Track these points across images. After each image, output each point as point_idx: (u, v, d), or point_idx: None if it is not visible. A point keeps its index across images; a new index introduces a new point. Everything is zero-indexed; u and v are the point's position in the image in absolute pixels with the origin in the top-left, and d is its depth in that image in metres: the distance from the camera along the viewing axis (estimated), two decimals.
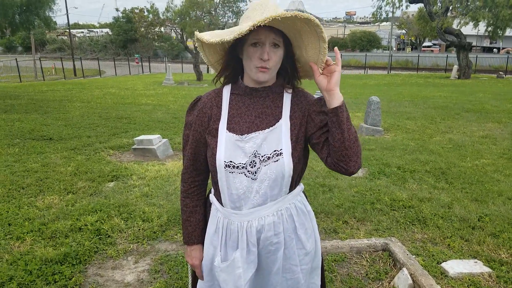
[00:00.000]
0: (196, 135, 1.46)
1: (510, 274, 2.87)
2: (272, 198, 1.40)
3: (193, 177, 1.54)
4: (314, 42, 1.30)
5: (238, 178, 1.37)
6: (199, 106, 1.47)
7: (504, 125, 8.80)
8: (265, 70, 1.34)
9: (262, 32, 1.29)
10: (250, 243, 1.41)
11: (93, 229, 3.49)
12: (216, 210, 1.48)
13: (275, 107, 1.43)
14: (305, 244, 1.49)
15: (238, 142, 1.37)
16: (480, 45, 48.63)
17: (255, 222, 1.41)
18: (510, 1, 21.62)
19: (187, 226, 1.56)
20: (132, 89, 17.04)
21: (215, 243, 1.48)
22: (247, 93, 1.43)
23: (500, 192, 4.53)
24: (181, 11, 22.95)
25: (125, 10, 40.21)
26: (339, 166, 1.33)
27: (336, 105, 1.29)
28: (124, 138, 7.08)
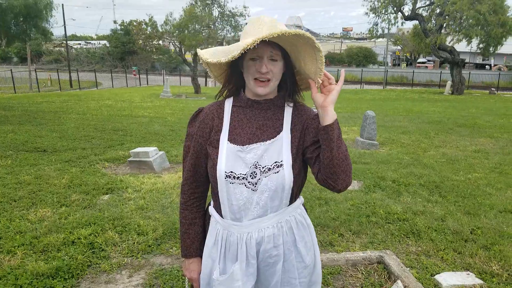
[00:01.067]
0: (197, 146, 1.47)
1: (501, 285, 2.90)
2: (272, 210, 1.41)
3: (193, 188, 1.54)
4: (311, 53, 1.32)
5: (238, 189, 1.38)
6: (201, 117, 1.49)
7: (496, 140, 8.90)
8: (264, 84, 1.37)
9: (260, 47, 1.32)
10: (250, 255, 1.42)
11: (87, 243, 3.46)
12: (216, 222, 1.48)
13: (276, 119, 1.45)
14: (304, 258, 1.49)
15: (239, 152, 1.39)
16: (473, 62, 49.29)
17: (255, 233, 1.41)
18: (501, 20, 22.06)
19: (186, 238, 1.55)
20: (129, 101, 17.08)
21: (213, 255, 1.47)
22: (248, 105, 1.46)
23: (491, 205, 4.57)
24: (180, 24, 23.15)
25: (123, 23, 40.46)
26: (328, 182, 1.35)
27: (328, 123, 1.31)
28: (120, 151, 7.08)
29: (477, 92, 27.47)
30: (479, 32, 22.62)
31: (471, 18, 22.28)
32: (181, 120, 11.30)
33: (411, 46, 43.63)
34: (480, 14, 21.77)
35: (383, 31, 29.43)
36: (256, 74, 1.36)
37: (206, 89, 29.48)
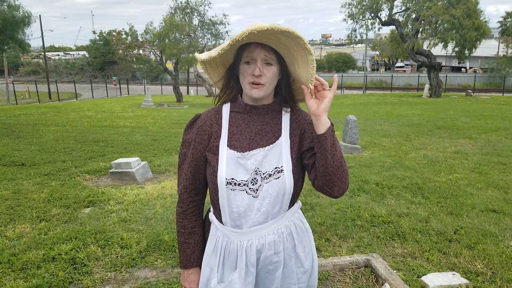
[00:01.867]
0: (196, 153, 1.45)
1: (486, 284, 2.93)
2: (272, 216, 1.40)
3: (192, 196, 1.50)
4: (302, 55, 1.31)
5: (239, 196, 1.36)
6: (199, 124, 1.46)
7: (474, 141, 9.09)
8: (258, 87, 1.35)
9: (254, 50, 1.32)
10: (249, 263, 1.39)
11: (68, 258, 3.36)
12: (216, 229, 1.46)
13: (274, 124, 1.44)
14: (303, 263, 1.48)
15: (240, 159, 1.37)
16: (449, 65, 50.53)
17: (255, 241, 1.39)
18: (475, 23, 22.71)
19: (185, 248, 1.51)
20: (110, 112, 16.85)
21: (212, 263, 1.45)
22: (246, 110, 1.44)
23: (473, 205, 4.64)
24: (160, 33, 23.08)
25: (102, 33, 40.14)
26: (324, 189, 1.35)
27: (321, 132, 1.30)
28: (101, 162, 6.95)
29: (454, 95, 28.13)
30: (454, 36, 23.24)
31: (446, 22, 22.89)
32: (163, 130, 11.20)
33: (389, 51, 44.50)
34: (455, 18, 22.38)
35: (362, 36, 29.99)
36: (250, 78, 1.35)
37: (188, 97, 29.38)
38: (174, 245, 3.63)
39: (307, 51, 1.28)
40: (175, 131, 10.93)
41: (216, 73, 1.48)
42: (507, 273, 3.07)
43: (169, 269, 3.27)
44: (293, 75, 1.44)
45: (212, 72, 1.47)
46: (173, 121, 13.52)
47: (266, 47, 1.32)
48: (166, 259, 3.41)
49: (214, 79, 1.50)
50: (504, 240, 3.67)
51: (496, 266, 3.20)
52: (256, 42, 1.31)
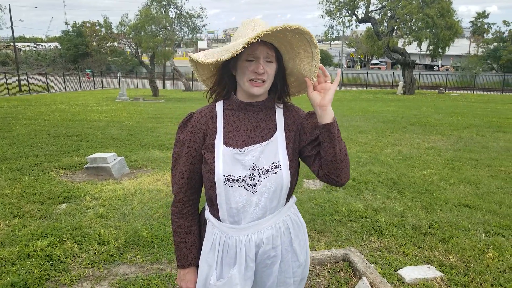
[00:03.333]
0: (191, 152, 1.44)
1: (460, 277, 3.03)
2: (270, 211, 1.41)
3: (188, 196, 1.50)
4: (307, 49, 1.33)
5: (238, 192, 1.37)
6: (193, 122, 1.45)
7: (447, 137, 9.36)
8: (260, 84, 1.36)
9: (257, 48, 1.32)
10: (249, 258, 1.40)
11: (44, 255, 3.28)
12: (213, 227, 1.45)
13: (269, 120, 1.45)
14: (299, 256, 1.51)
15: (237, 155, 1.38)
16: (422, 63, 51.75)
17: (254, 236, 1.40)
18: (448, 23, 23.31)
19: (182, 248, 1.51)
20: (84, 105, 16.45)
21: (210, 261, 1.45)
22: (241, 107, 1.45)
23: (447, 200, 4.79)
24: (136, 26, 22.62)
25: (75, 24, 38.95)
26: (330, 178, 1.37)
27: (329, 122, 1.32)
28: (76, 157, 6.79)
29: (427, 92, 28.86)
30: (428, 35, 23.80)
31: (421, 21, 23.42)
32: (140, 124, 11.02)
33: (364, 48, 45.13)
34: (429, 17, 22.90)
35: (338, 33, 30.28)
36: (252, 75, 1.35)
37: (164, 91, 28.97)
38: (153, 241, 3.60)
39: (313, 45, 1.31)
40: (152, 125, 10.79)
41: (206, 70, 1.47)
42: (480, 266, 3.19)
43: (148, 265, 3.24)
44: (289, 70, 1.46)
45: (201, 69, 1.46)
46: (150, 115, 13.33)
47: (268, 45, 1.34)
48: (145, 255, 3.38)
49: (204, 76, 1.49)
50: (477, 234, 3.81)
51: (469, 259, 3.31)
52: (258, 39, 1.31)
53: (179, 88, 31.98)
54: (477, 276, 3.04)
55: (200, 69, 1.47)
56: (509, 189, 5.27)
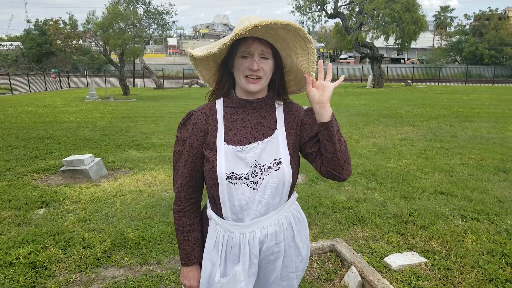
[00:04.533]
0: (192, 150, 1.44)
1: (442, 261, 3.17)
2: (273, 208, 1.42)
3: (190, 194, 1.50)
4: (302, 45, 1.34)
5: (240, 189, 1.37)
6: (193, 121, 1.45)
7: (418, 128, 9.67)
8: (256, 81, 1.36)
9: (251, 45, 1.32)
10: (253, 255, 1.41)
11: (27, 262, 3.18)
12: (216, 225, 1.45)
13: (269, 117, 1.46)
14: (301, 251, 1.53)
15: (239, 153, 1.38)
16: (389, 57, 53.02)
17: (257, 232, 1.41)
18: (414, 17, 23.96)
19: (185, 246, 1.51)
20: (52, 106, 15.92)
21: (213, 259, 1.45)
22: (241, 105, 1.45)
23: (423, 188, 4.97)
24: (104, 23, 22.02)
25: (38, 22, 37.48)
26: (333, 174, 1.39)
27: (327, 120, 1.33)
28: (49, 160, 6.59)
29: (395, 85, 29.60)
30: (395, 29, 24.38)
31: (387, 16, 23.94)
32: (113, 124, 10.79)
33: (333, 43, 45.76)
34: (395, 12, 23.45)
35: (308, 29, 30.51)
36: (247, 71, 1.35)
37: (135, 90, 28.43)
38: (140, 242, 3.56)
39: (307, 40, 1.31)
40: (126, 125, 10.58)
41: (207, 69, 1.47)
42: (460, 250, 3.34)
43: (137, 266, 3.20)
44: (287, 68, 1.47)
45: (202, 68, 1.46)
46: (122, 115, 13.06)
47: (263, 42, 1.34)
48: (133, 257, 3.34)
49: (206, 75, 1.50)
50: (454, 220, 3.97)
51: (450, 244, 3.46)
52: (253, 36, 1.32)
53: (150, 86, 31.46)
54: (458, 259, 3.19)
55: (201, 68, 1.47)
56: (479, 175, 5.52)
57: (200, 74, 1.49)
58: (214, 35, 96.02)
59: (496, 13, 44.26)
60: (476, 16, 46.47)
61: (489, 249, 3.33)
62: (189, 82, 32.17)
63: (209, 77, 1.50)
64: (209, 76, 1.50)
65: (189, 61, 1.45)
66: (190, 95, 22.67)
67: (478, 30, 43.15)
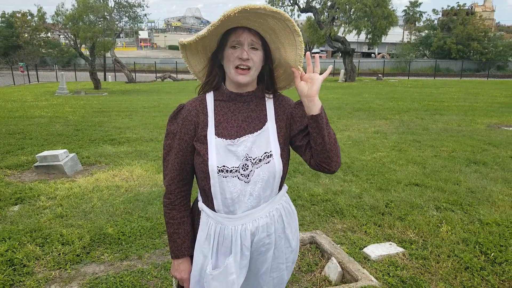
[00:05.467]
0: (183, 143, 1.44)
1: (419, 251, 3.28)
2: (264, 200, 1.44)
3: (180, 187, 1.50)
4: (290, 38, 1.35)
5: (231, 182, 1.38)
6: (183, 114, 1.45)
7: (390, 121, 9.91)
8: (245, 72, 1.37)
9: (241, 34, 1.33)
10: (244, 247, 1.42)
11: (4, 260, 3.11)
12: (207, 217, 1.46)
13: (260, 110, 1.46)
14: (291, 242, 1.56)
15: (230, 146, 1.38)
16: (360, 51, 53.88)
17: (249, 225, 1.42)
18: (385, 12, 24.44)
19: (176, 239, 1.51)
20: (21, 101, 15.37)
21: (205, 251, 1.46)
22: (231, 98, 1.45)
23: (398, 180, 5.12)
24: (73, 16, 21.36)
25: (5, 14, 35.92)
26: (322, 167, 1.41)
27: (316, 113, 1.34)
28: (22, 156, 6.39)
29: (366, 79, 30.17)
30: (366, 24, 24.81)
31: (359, 10, 24.31)
32: (85, 119, 10.54)
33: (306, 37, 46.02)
34: (366, 7, 23.84)
35: None
36: (237, 61, 1.35)
37: (106, 84, 27.78)
38: (120, 238, 3.52)
39: (295, 33, 1.33)
40: (99, 119, 10.36)
41: (197, 61, 1.47)
42: (436, 240, 3.47)
43: (117, 262, 3.17)
44: (277, 61, 1.48)
45: (193, 60, 1.46)
46: (94, 109, 12.77)
47: (253, 32, 1.35)
48: (113, 253, 3.31)
49: (195, 68, 1.50)
50: (429, 210, 4.12)
51: (426, 234, 3.59)
52: (243, 26, 1.33)
53: (122, 80, 30.81)
54: (434, 249, 3.31)
55: (191, 60, 1.46)
56: (452, 167, 5.73)
57: (190, 67, 1.48)
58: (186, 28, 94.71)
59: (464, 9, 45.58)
60: (444, 11, 47.76)
61: (464, 238, 3.47)
62: (162, 76, 31.73)
63: (198, 71, 1.50)
64: (198, 69, 1.50)
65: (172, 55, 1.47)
66: (163, 89, 22.37)
67: (446, 25, 44.35)
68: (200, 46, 1.41)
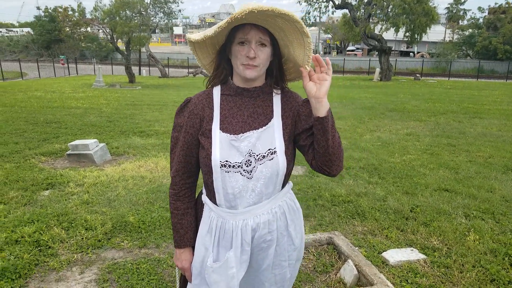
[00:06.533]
0: (188, 137, 1.45)
1: (442, 259, 3.16)
2: (267, 197, 1.43)
3: (184, 179, 1.51)
4: (299, 38, 1.32)
5: (234, 177, 1.38)
6: (190, 107, 1.46)
7: (425, 123, 9.59)
8: (252, 67, 1.35)
9: (248, 31, 1.32)
10: (245, 242, 1.42)
11: (32, 241, 3.26)
12: (210, 211, 1.47)
13: (266, 106, 1.45)
14: (294, 240, 1.54)
15: (233, 141, 1.38)
16: (398, 49, 52.40)
17: (250, 220, 1.42)
18: (425, 9, 23.58)
19: (179, 229, 1.53)
20: (60, 92, 16.03)
21: (207, 243, 1.47)
22: (238, 93, 1.44)
23: (426, 184, 4.94)
24: (111, 11, 22.01)
25: (47, 9, 37.53)
26: (323, 169, 1.39)
27: (323, 115, 1.31)
28: (56, 144, 6.66)
29: (403, 78, 29.29)
30: (405, 21, 24.03)
31: (397, 7, 23.59)
32: (118, 111, 10.85)
33: (341, 34, 45.30)
34: (406, 3, 23.10)
35: (315, 19, 30.25)
36: (244, 59, 1.34)
37: (141, 78, 28.47)
38: (140, 227, 3.61)
39: (304, 34, 1.29)
40: (131, 112, 10.63)
41: (205, 55, 1.47)
42: (461, 248, 3.31)
43: (136, 249, 3.26)
44: (285, 56, 1.45)
45: (201, 53, 1.46)
46: (127, 102, 13.11)
47: (261, 28, 1.32)
48: (133, 240, 3.39)
49: (204, 61, 1.50)
50: (457, 218, 3.94)
51: (451, 241, 3.44)
52: (250, 23, 1.31)
53: (155, 75, 31.49)
54: (459, 258, 3.16)
55: (199, 53, 1.46)
56: (486, 174, 5.47)
57: (198, 60, 1.49)
58: None
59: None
60: (491, 9, 45.45)
61: (492, 249, 3.29)
62: (193, 71, 32.17)
63: (206, 63, 1.50)
64: (207, 62, 1.50)
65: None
66: (194, 84, 22.66)
67: (493, 23, 42.17)
68: (208, 40, 1.40)
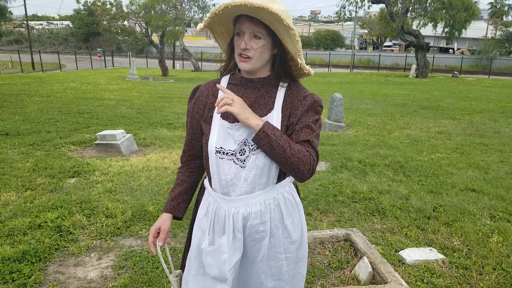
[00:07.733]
0: (193, 122, 1.54)
1: (461, 260, 3.05)
2: (260, 187, 1.43)
3: (189, 160, 1.63)
4: (286, 30, 1.31)
5: (227, 164, 1.41)
6: (197, 94, 1.54)
7: (458, 122, 9.25)
8: (246, 60, 1.38)
9: (243, 23, 1.34)
10: (236, 229, 1.44)
11: (54, 226, 3.39)
12: (208, 195, 1.53)
13: (269, 97, 1.46)
14: (291, 234, 1.52)
15: (229, 129, 1.42)
16: (436, 46, 50.65)
17: (242, 209, 1.44)
18: (465, 4, 22.67)
19: (170, 195, 1.63)
20: (94, 84, 16.56)
21: (204, 226, 1.51)
22: (242, 83, 1.48)
23: (453, 184, 4.77)
24: (146, 5, 22.50)
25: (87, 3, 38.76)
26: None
27: (255, 134, 1.34)
28: (86, 133, 6.89)
29: (440, 76, 28.31)
30: (444, 16, 23.19)
31: (436, 2, 22.78)
32: (148, 103, 11.09)
33: (377, 29, 44.21)
34: None
35: (351, 14, 29.70)
36: (239, 50, 1.39)
37: (174, 71, 28.95)
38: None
39: (287, 26, 1.27)
40: (161, 105, 10.84)
41: (223, 41, 1.53)
42: (483, 250, 3.19)
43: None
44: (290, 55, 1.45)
45: (221, 42, 1.53)
46: (159, 95, 13.38)
47: (255, 20, 1.33)
48: None
49: (224, 48, 1.55)
50: (482, 219, 3.79)
51: (472, 243, 3.31)
52: (245, 14, 1.32)
53: (189, 69, 31.93)
54: (479, 259, 3.05)
55: (219, 42, 1.54)
56: None
57: (220, 46, 1.56)
58: None
59: None
60: None
61: None
62: None
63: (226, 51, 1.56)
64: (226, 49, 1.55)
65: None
66: None
67: None
68: (223, 28, 1.45)
